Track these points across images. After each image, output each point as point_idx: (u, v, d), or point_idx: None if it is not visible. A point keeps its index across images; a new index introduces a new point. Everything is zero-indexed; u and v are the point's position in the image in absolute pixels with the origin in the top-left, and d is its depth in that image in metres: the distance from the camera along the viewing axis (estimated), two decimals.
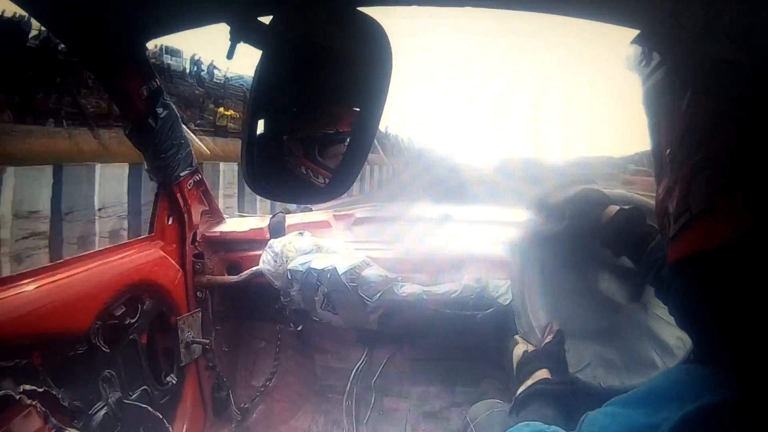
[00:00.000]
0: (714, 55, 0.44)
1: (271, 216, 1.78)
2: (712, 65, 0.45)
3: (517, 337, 1.16)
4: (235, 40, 0.78)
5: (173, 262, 1.54)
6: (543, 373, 0.98)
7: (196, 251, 1.66)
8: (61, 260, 1.25)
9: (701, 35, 0.45)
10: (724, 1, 0.44)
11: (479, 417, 1.08)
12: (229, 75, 17.07)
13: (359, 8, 0.69)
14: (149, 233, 1.56)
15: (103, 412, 1.21)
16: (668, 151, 0.49)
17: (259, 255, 1.62)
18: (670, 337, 1.07)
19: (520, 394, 0.96)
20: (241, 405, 1.76)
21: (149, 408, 1.37)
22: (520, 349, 1.10)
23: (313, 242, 1.62)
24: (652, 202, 0.61)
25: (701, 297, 0.47)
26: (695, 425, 0.40)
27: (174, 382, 1.52)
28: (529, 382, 0.97)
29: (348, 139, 0.75)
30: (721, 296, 0.44)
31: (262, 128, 0.78)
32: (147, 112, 1.35)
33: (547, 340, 1.07)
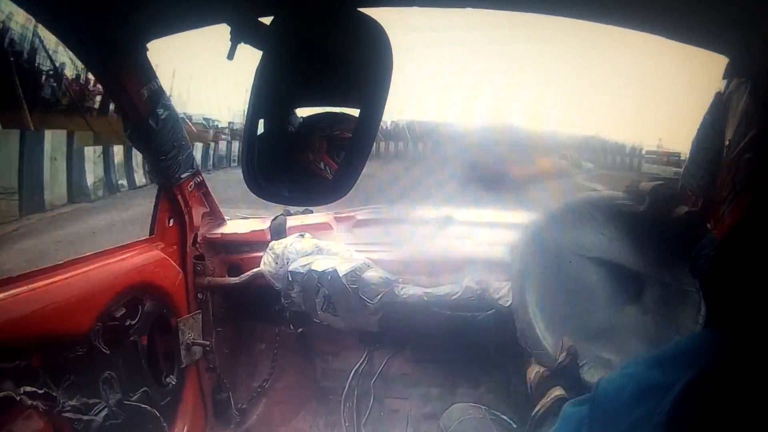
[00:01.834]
0: None
1: (272, 218, 1.78)
2: (765, 72, 0.54)
3: (531, 359, 1.17)
4: (235, 40, 0.78)
5: (174, 263, 1.54)
6: (556, 391, 1.01)
7: (197, 253, 1.66)
8: (61, 262, 1.25)
9: (762, 53, 0.55)
10: None
11: (452, 425, 1.09)
12: None
13: (359, 9, 0.69)
14: (150, 235, 1.55)
15: (103, 413, 1.21)
16: (727, 141, 0.58)
17: (260, 257, 1.62)
18: (668, 340, 1.07)
19: (536, 413, 0.99)
20: (239, 406, 1.76)
21: (149, 409, 1.36)
22: (532, 372, 1.11)
23: (314, 244, 1.62)
24: None
25: (726, 265, 0.52)
26: (700, 386, 0.43)
27: (174, 383, 1.51)
28: (544, 401, 0.99)
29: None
30: (740, 265, 0.49)
31: (263, 128, 0.78)
32: (147, 113, 1.35)
33: (560, 359, 1.08)
